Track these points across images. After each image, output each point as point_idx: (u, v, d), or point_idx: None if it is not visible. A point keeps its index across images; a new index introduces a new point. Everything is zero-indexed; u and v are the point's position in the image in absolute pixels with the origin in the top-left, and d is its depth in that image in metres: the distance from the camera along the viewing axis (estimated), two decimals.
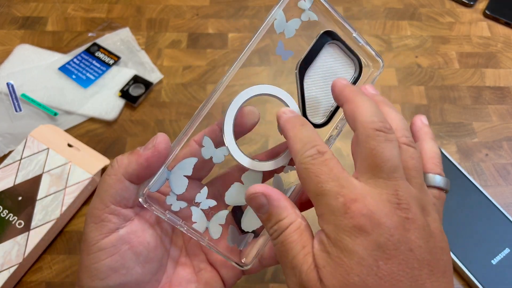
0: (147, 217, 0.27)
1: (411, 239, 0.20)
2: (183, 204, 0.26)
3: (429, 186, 0.26)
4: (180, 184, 0.26)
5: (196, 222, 0.27)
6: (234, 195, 0.28)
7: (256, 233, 0.28)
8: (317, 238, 0.22)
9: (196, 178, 0.31)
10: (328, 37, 0.29)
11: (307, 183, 0.22)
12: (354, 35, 0.29)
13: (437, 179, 0.27)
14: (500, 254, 0.43)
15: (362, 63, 0.30)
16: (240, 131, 0.29)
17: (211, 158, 0.27)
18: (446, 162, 0.48)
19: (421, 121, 0.31)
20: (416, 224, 0.20)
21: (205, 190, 0.27)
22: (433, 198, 0.26)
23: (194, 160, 0.27)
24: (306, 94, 0.29)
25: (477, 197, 0.46)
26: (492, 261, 0.42)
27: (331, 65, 0.29)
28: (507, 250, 0.43)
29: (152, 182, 0.25)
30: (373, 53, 0.29)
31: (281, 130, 0.26)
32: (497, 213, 0.45)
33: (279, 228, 0.23)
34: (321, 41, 0.29)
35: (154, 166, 0.25)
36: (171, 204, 0.26)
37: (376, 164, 0.21)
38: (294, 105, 0.29)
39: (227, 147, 0.28)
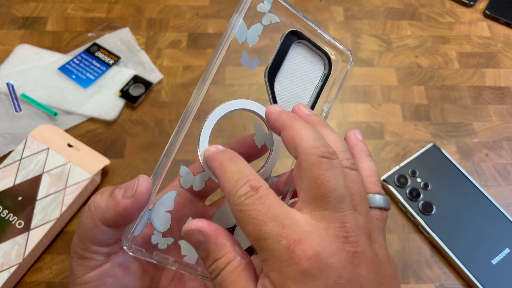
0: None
1: (361, 275, 0.19)
2: (170, 240, 0.25)
3: (370, 207, 0.25)
4: (163, 221, 0.25)
5: (186, 255, 0.25)
6: (221, 218, 0.26)
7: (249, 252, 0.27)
8: (261, 283, 0.20)
9: (200, 199, 0.30)
10: (293, 37, 0.28)
11: (244, 227, 0.20)
12: (319, 31, 0.28)
13: (377, 199, 0.25)
14: (500, 254, 0.42)
15: (332, 59, 0.29)
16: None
17: (191, 187, 0.26)
18: (446, 162, 0.48)
19: (355, 136, 0.28)
20: (364, 257, 0.20)
21: (189, 220, 0.25)
22: (375, 220, 0.24)
23: (174, 194, 0.25)
24: (278, 100, 0.28)
25: (477, 197, 0.46)
26: (492, 261, 0.42)
27: (300, 66, 0.28)
28: (507, 250, 0.43)
29: (134, 227, 0.24)
30: (341, 47, 0.29)
31: (210, 170, 0.24)
32: (497, 213, 0.45)
33: (217, 268, 0.21)
34: (286, 43, 0.28)
35: (133, 214, 0.23)
36: (157, 243, 0.24)
37: (321, 195, 0.20)
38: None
39: (205, 171, 0.26)
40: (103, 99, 0.53)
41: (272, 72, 0.28)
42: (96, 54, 0.55)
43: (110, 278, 0.25)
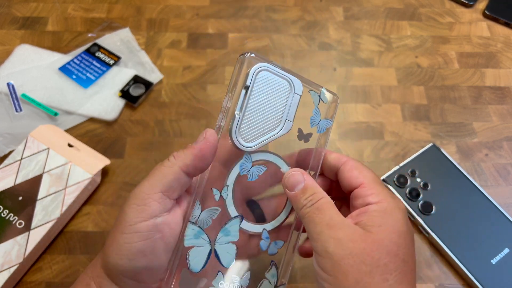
0: (179, 212, 0.28)
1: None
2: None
3: None
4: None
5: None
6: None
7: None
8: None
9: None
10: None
11: None
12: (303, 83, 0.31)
13: None
14: (499, 254, 0.43)
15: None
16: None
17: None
18: (445, 162, 0.48)
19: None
20: None
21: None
22: None
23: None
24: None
25: (477, 197, 0.46)
26: (492, 261, 0.42)
27: (266, 91, 0.30)
28: (506, 250, 0.43)
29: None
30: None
31: None
32: (496, 213, 0.45)
33: (315, 197, 0.27)
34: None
35: (207, 156, 0.27)
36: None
37: None
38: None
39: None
40: (103, 99, 0.53)
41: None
42: (97, 54, 0.55)
43: (158, 233, 0.26)
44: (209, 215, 0.28)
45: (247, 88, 0.28)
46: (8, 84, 0.53)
